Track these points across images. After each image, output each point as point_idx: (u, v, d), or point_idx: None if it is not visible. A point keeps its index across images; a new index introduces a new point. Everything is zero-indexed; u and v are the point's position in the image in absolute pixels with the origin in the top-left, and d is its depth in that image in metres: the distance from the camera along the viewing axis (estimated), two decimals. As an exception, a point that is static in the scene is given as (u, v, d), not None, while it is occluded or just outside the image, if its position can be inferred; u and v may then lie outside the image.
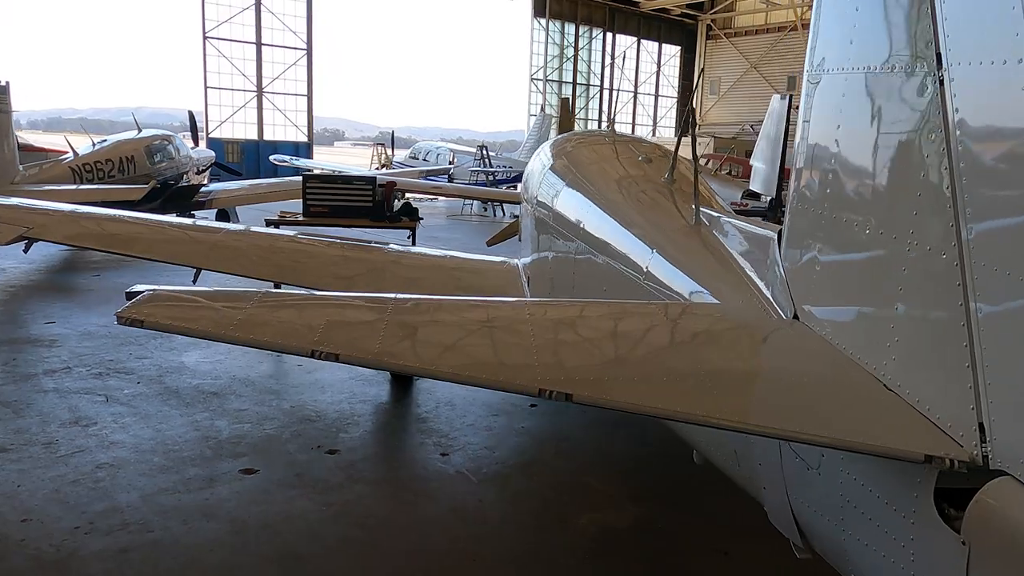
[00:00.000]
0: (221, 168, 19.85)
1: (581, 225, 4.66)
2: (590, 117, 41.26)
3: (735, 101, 42.45)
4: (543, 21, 37.88)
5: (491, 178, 23.56)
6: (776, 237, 2.74)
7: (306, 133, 31.30)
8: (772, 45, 40.91)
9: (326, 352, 2.20)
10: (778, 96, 12.63)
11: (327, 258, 6.30)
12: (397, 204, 8.94)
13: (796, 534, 2.47)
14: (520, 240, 7.85)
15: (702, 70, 45.03)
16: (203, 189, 14.84)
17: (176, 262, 5.72)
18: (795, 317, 2.50)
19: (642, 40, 42.74)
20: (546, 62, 38.13)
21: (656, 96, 44.62)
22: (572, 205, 5.02)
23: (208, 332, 2.36)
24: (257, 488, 4.58)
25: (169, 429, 5.37)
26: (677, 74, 44.97)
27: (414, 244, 8.82)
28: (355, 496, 4.55)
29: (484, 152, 24.30)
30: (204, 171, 18.87)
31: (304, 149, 30.73)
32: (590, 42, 39.89)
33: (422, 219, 8.96)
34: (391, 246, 7.17)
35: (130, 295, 2.49)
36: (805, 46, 2.66)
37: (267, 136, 30.24)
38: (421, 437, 5.50)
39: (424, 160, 26.23)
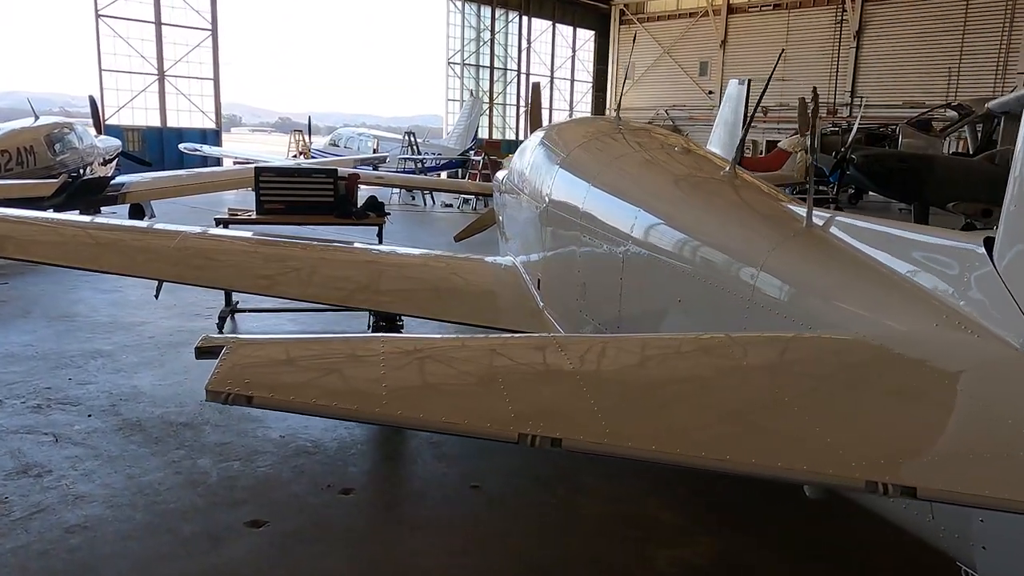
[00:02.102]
0: (129, 158, 18.21)
1: (633, 225, 4.14)
2: (508, 102, 40.77)
3: (649, 86, 42.85)
4: (459, 3, 37.00)
5: (420, 165, 22.70)
6: (983, 246, 2.30)
7: (213, 119, 29.38)
8: (684, 31, 41.46)
9: (541, 437, 1.58)
10: (736, 81, 12.50)
11: (306, 262, 5.58)
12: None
13: None
14: (506, 236, 7.28)
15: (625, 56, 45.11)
16: (113, 182, 13.48)
17: (69, 264, 4.97)
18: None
19: (557, 24, 42.49)
20: (463, 46, 37.29)
21: (572, 81, 44.54)
22: (614, 203, 4.49)
23: (354, 411, 1.69)
24: (272, 545, 3.86)
25: (144, 474, 4.53)
26: (592, 59, 45.02)
27: (380, 242, 8.09)
28: (391, 546, 3.90)
29: (412, 139, 23.37)
30: (110, 162, 17.27)
31: (212, 136, 28.87)
32: (506, 25, 39.29)
33: (388, 214, 8.23)
34: (356, 245, 6.50)
35: (204, 351, 1.81)
36: (716, 31, 2.21)
37: (171, 122, 28.20)
38: (441, 466, 4.86)
39: (346, 147, 25.04)
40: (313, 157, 25.38)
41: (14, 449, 4.81)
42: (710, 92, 40.62)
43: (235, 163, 24.95)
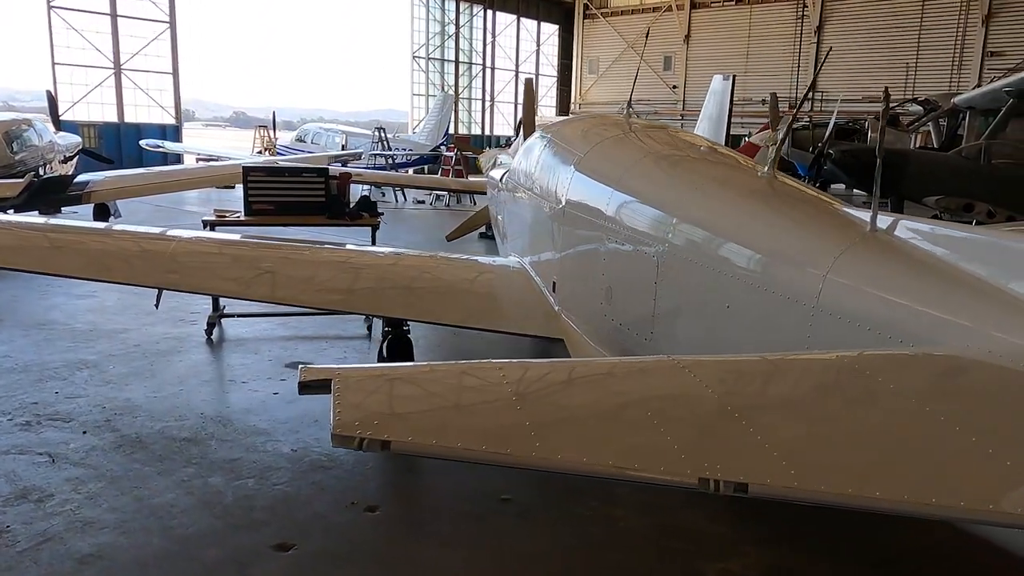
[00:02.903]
0: (90, 156, 17.55)
1: (669, 227, 4.01)
2: (473, 96, 40.49)
3: (614, 80, 42.96)
4: (423, -4, 36.61)
5: (391, 161, 22.34)
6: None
7: (173, 114, 28.55)
8: (648, 25, 41.59)
9: (725, 483, 1.42)
10: (720, 76, 12.49)
11: (302, 265, 5.37)
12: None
13: None
14: (507, 236, 7.12)
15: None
16: (77, 180, 12.94)
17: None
18: None
19: (522, 18, 42.31)
20: (428, 39, 36.87)
21: (537, 75, 44.37)
22: (644, 203, 4.36)
23: (506, 457, 1.51)
24: (303, 569, 3.65)
25: (153, 496, 4.27)
26: (556, 53, 44.95)
27: (374, 243, 7.85)
28: (424, 567, 3.73)
29: (383, 134, 22.98)
30: (70, 159, 16.62)
31: (172, 132, 28.07)
32: (471, 19, 38.97)
33: (383, 214, 7.99)
34: (349, 246, 6.31)
35: (308, 386, 1.62)
36: (680, 26, 2.12)
37: (128, 118, 27.31)
38: (466, 477, 4.68)
39: (313, 143, 24.51)
40: (279, 154, 24.84)
41: (8, 471, 4.51)
42: (674, 86, 40.93)
43: (198, 160, 24.31)
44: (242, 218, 7.40)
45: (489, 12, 39.83)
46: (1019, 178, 13.93)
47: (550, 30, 44.26)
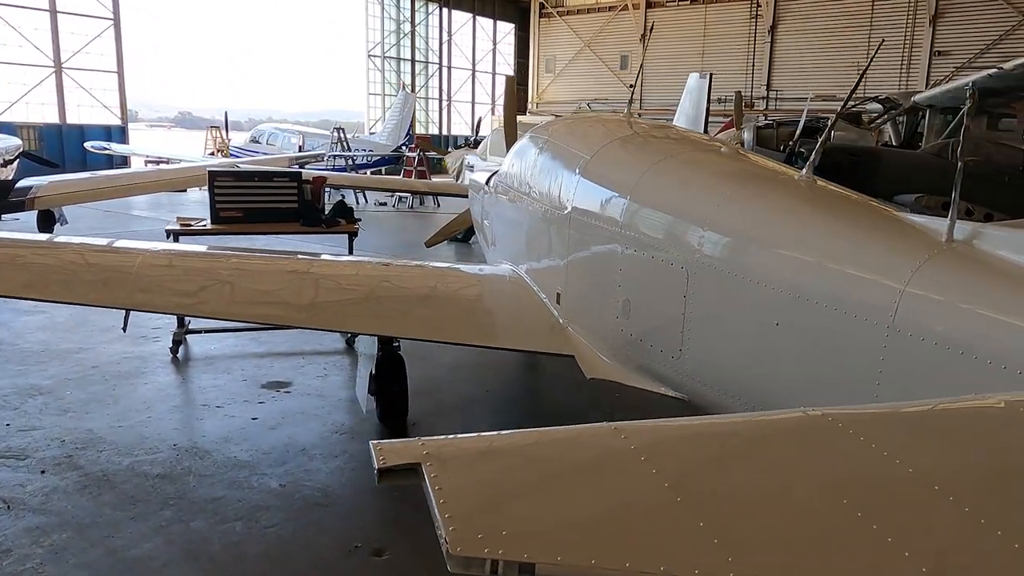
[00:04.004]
0: (31, 159, 16.58)
1: (701, 236, 3.69)
2: (430, 95, 39.93)
3: (571, 79, 42.82)
4: (378, -6, 35.91)
5: (351, 163, 21.71)
6: None
7: (119, 115, 27.39)
8: (604, 24, 41.56)
9: None
10: (696, 74, 12.29)
11: (280, 279, 4.94)
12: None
13: None
14: (496, 243, 6.72)
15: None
16: (19, 185, 12.10)
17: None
18: None
19: (477, 17, 41.88)
20: (383, 38, 36.17)
21: (493, 74, 44.05)
22: (669, 210, 4.03)
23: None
24: (310, 631, 3.23)
25: (129, 546, 3.77)
26: (513, 52, 44.63)
27: (351, 252, 7.39)
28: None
29: (342, 135, 22.30)
30: (10, 163, 15.66)
31: (118, 133, 26.93)
32: (427, 17, 38.39)
33: (360, 220, 7.52)
34: (325, 257, 5.91)
35: (390, 473, 1.22)
36: (636, 25, 1.85)
37: (71, 119, 26.09)
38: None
39: (269, 144, 23.71)
40: (232, 155, 23.98)
41: (-44, 523, 3.96)
42: (631, 85, 40.96)
43: (147, 162, 23.34)
44: (209, 227, 6.85)
45: (445, 10, 39.30)
46: (984, 175, 14.08)
47: (506, 29, 43.91)
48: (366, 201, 21.24)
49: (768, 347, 3.32)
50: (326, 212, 7.25)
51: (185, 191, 21.05)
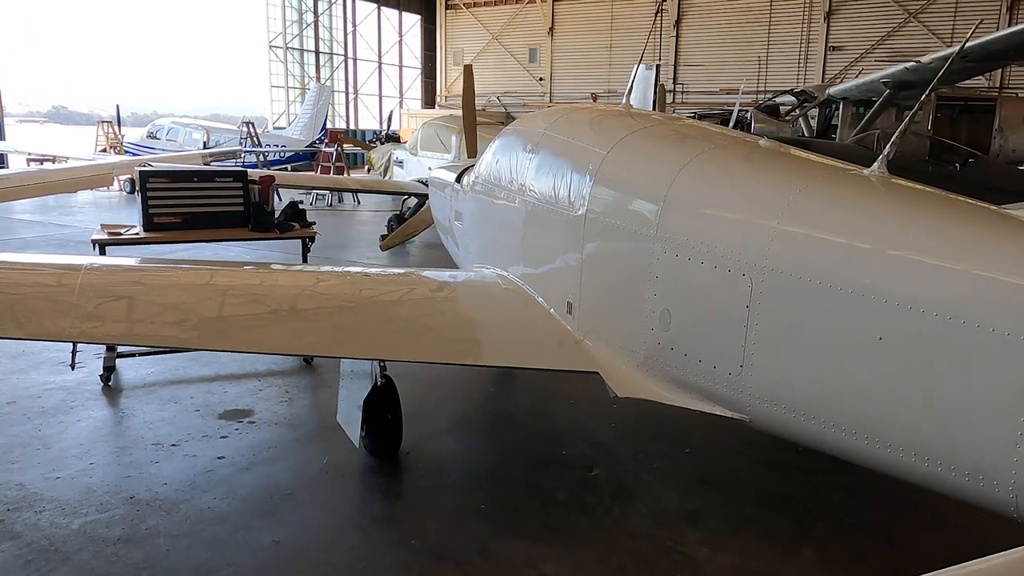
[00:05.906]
0: None
1: (770, 241, 3.30)
2: (336, 88, 38.52)
3: (479, 73, 42.14)
4: (277, -18, 34.25)
5: (263, 159, 20.45)
6: None
7: (-8, 111, 24.91)
8: (511, 17, 41.24)
9: None
10: (644, 65, 12.04)
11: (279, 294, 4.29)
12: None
13: None
14: (478, 247, 6.16)
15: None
16: None
17: None
18: None
19: (382, 8, 40.70)
20: (285, 28, 34.53)
21: (400, 67, 43.00)
22: (726, 213, 3.63)
23: None
24: None
25: (103, 640, 3.05)
26: (420, 44, 43.68)
27: (305, 260, 6.66)
28: None
29: (252, 129, 20.96)
30: None
31: (-9, 129, 24.49)
32: (330, 7, 36.95)
33: (314, 223, 6.78)
34: (275, 266, 5.27)
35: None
36: (544, 19, 1.61)
37: (-67, 115, 23.53)
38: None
39: (168, 140, 22.04)
40: (127, 152, 22.20)
41: None
42: (540, 79, 40.88)
43: (30, 160, 21.35)
44: (142, 235, 5.98)
45: (348, 0, 37.96)
46: (908, 168, 14.58)
47: (412, 20, 42.92)
48: (280, 199, 20.07)
49: (869, 365, 2.96)
50: (276, 216, 6.49)
51: (75, 192, 19.29)
